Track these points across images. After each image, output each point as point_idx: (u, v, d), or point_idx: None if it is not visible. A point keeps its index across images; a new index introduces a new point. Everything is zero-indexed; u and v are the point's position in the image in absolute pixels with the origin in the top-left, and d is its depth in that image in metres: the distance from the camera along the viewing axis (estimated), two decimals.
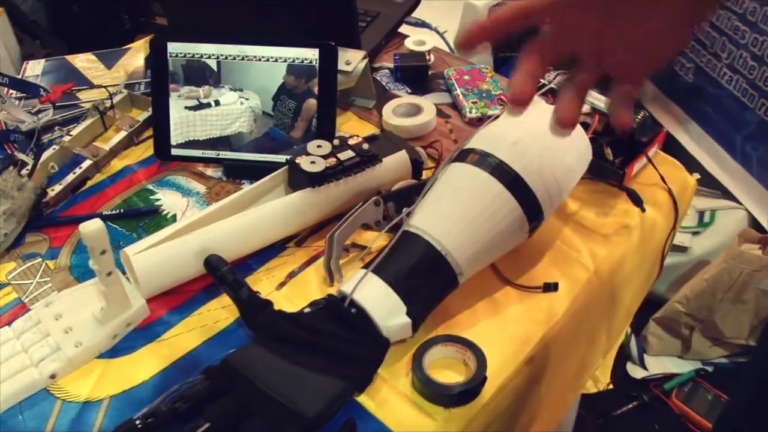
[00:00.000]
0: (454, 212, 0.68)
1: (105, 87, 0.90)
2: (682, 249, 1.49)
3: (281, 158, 0.81)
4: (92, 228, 0.60)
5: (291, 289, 0.71)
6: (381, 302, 0.63)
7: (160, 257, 0.68)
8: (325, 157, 0.74)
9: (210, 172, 0.84)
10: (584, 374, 0.85)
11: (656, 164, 0.82)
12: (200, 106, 0.81)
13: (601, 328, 0.81)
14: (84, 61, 1.02)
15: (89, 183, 0.84)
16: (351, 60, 0.85)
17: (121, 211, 0.79)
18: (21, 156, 0.79)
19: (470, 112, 0.89)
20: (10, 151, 0.88)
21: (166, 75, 0.80)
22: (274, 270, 0.73)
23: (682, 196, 0.84)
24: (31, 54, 1.52)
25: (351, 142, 0.77)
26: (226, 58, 0.79)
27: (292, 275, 0.73)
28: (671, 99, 1.59)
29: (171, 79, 0.81)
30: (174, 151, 0.82)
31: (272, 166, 0.80)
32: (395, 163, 0.78)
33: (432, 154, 0.85)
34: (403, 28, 1.07)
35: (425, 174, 0.81)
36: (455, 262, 0.66)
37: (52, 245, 0.77)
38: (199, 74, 0.80)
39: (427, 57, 0.97)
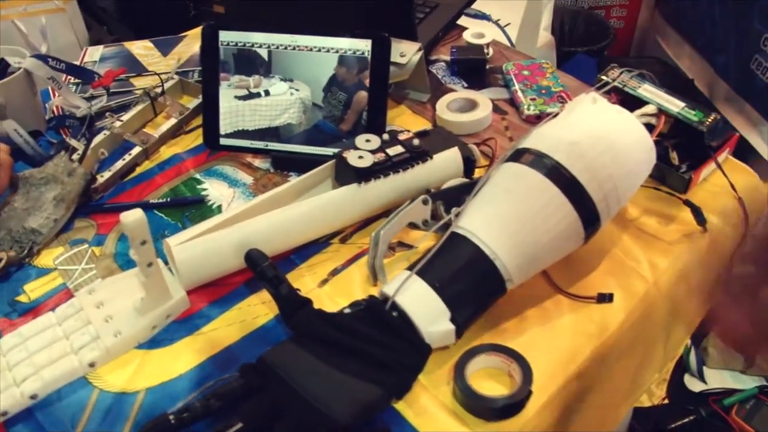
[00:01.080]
0: (506, 215, 0.64)
1: (157, 74, 0.90)
2: None
3: (330, 151, 0.79)
4: (133, 218, 0.59)
5: (333, 287, 0.69)
6: (424, 306, 0.61)
7: (202, 249, 0.67)
8: (373, 152, 0.72)
9: (258, 162, 0.83)
10: (637, 390, 0.80)
11: (726, 170, 0.76)
12: (250, 96, 0.80)
13: (658, 342, 0.76)
14: (141, 48, 1.02)
15: (138, 170, 0.84)
16: (405, 52, 0.82)
17: (167, 200, 0.78)
18: (72, 142, 0.79)
19: (528, 109, 0.85)
20: (65, 137, 0.89)
21: (217, 64, 0.79)
22: (317, 266, 0.71)
23: (753, 205, 0.78)
24: (98, 40, 1.54)
25: (401, 137, 0.74)
26: (278, 47, 0.78)
27: (334, 273, 0.71)
28: (745, 99, 1.51)
29: (222, 68, 0.79)
30: (223, 141, 0.81)
31: (320, 159, 0.78)
32: (446, 160, 0.75)
33: (485, 152, 0.81)
34: (463, 20, 1.04)
35: (477, 172, 0.78)
36: (504, 268, 0.62)
37: (99, 232, 0.77)
38: (249, 64, 0.79)
39: (486, 50, 0.94)
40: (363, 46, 0.76)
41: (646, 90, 0.76)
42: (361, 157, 0.71)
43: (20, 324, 0.68)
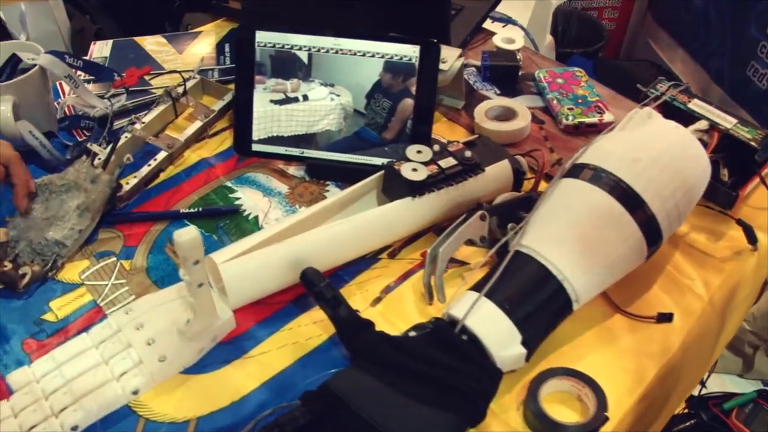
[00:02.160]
0: (571, 233, 0.62)
1: (179, 72, 0.84)
2: None
3: (371, 160, 0.75)
4: (187, 237, 0.55)
5: (386, 306, 0.66)
6: (495, 330, 0.58)
7: (250, 267, 0.63)
8: (425, 164, 0.69)
9: (292, 170, 0.79)
10: (677, 406, 0.80)
11: None
12: (287, 101, 0.75)
13: (706, 359, 0.76)
14: (154, 44, 0.96)
15: (162, 176, 0.79)
16: (446, 58, 0.79)
17: (199, 209, 0.74)
18: (94, 147, 0.74)
19: (567, 119, 0.84)
20: (79, 138, 0.83)
21: (252, 66, 0.75)
22: (367, 284, 0.68)
23: None
24: (81, 29, 1.45)
25: (451, 148, 0.71)
26: (319, 50, 0.74)
27: (387, 290, 0.68)
28: (741, 105, 1.53)
29: (257, 70, 0.75)
30: (255, 147, 0.77)
31: (360, 169, 0.75)
32: (497, 173, 0.73)
33: (530, 164, 0.79)
34: (487, 24, 1.01)
35: (525, 185, 0.76)
36: (571, 288, 0.61)
37: (126, 243, 0.72)
38: (288, 66, 0.75)
39: (518, 56, 0.91)
40: (411, 52, 0.73)
41: (697, 105, 0.75)
42: (415, 169, 0.68)
43: (50, 345, 0.63)
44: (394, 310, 0.66)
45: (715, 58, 1.48)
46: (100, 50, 0.95)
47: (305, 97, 0.75)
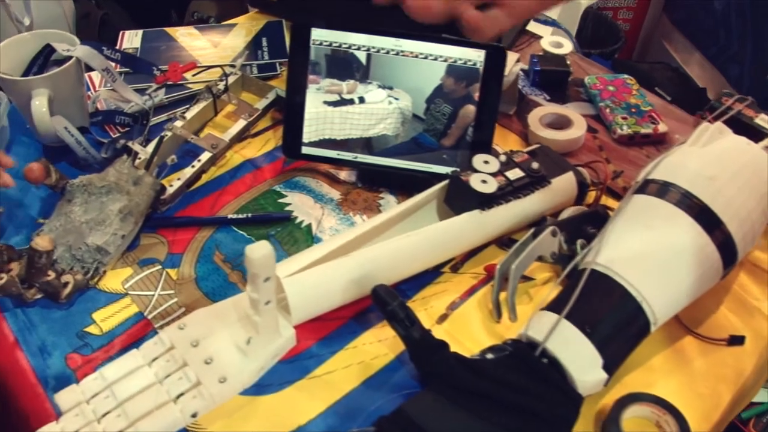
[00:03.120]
0: (649, 253, 0.60)
1: (222, 66, 0.80)
2: None
3: (429, 168, 0.72)
4: (261, 254, 0.51)
5: (453, 324, 0.63)
6: (577, 353, 0.56)
7: (314, 282, 0.60)
8: (493, 175, 0.66)
9: (343, 175, 0.75)
10: None
11: None
12: (341, 102, 0.72)
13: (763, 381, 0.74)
14: (186, 36, 0.91)
15: (204, 177, 0.75)
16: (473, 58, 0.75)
17: (249, 215, 0.70)
18: (136, 146, 0.69)
19: (621, 129, 0.81)
20: (112, 134, 0.78)
21: (306, 65, 0.71)
22: (431, 299, 0.65)
23: None
24: (86, 13, 1.39)
25: (517, 159, 0.68)
26: (378, 51, 0.70)
27: (452, 307, 0.64)
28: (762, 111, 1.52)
29: (311, 69, 0.71)
30: (305, 150, 0.73)
31: (416, 176, 0.72)
32: (563, 185, 0.70)
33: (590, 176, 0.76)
34: (530, 25, 0.98)
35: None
36: (650, 309, 0.58)
37: (171, 250, 0.68)
38: (344, 67, 0.71)
39: (567, 61, 0.88)
40: (475, 56, 0.69)
41: (765, 120, 0.73)
42: (484, 181, 0.65)
43: (96, 360, 0.59)
44: (461, 328, 0.63)
45: (734, 63, 1.47)
46: (130, 40, 0.89)
47: (361, 100, 0.71)
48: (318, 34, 0.70)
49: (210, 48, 0.89)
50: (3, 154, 0.68)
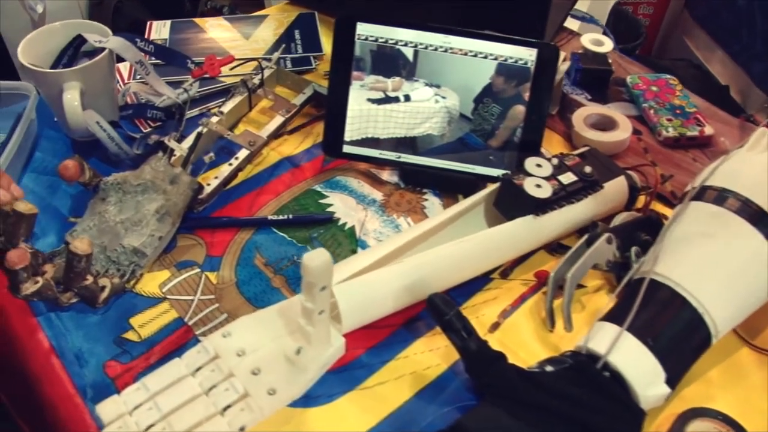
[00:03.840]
0: (709, 264, 0.58)
1: (258, 60, 0.77)
2: None
3: (474, 169, 0.69)
4: (320, 261, 0.48)
5: (505, 333, 0.61)
6: (640, 367, 0.54)
7: (365, 289, 0.58)
8: (546, 179, 0.64)
9: (386, 175, 0.73)
10: None
11: None
12: (386, 100, 0.69)
13: None
14: (216, 27, 0.88)
15: (240, 176, 0.72)
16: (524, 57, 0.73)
17: (290, 216, 0.67)
18: (172, 144, 0.66)
19: (666, 131, 0.78)
20: (143, 129, 0.75)
21: (351, 60, 0.68)
22: (482, 307, 0.62)
23: None
24: (100, 1, 1.35)
25: (568, 162, 0.66)
26: (426, 47, 0.67)
27: (504, 315, 0.62)
28: None
29: (355, 65, 0.68)
30: (346, 148, 0.70)
31: (461, 177, 0.69)
32: (615, 190, 0.67)
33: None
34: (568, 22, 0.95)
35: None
36: (712, 323, 0.56)
37: (210, 252, 0.65)
38: (390, 63, 0.68)
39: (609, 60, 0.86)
40: (527, 55, 0.67)
41: None
42: (538, 185, 0.63)
43: (136, 369, 0.57)
44: (514, 337, 0.60)
45: (758, 61, 1.44)
46: (158, 31, 0.86)
47: (407, 98, 0.69)
48: (363, 29, 0.67)
49: (241, 40, 0.86)
50: (14, 185, 0.63)
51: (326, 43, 0.88)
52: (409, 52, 0.67)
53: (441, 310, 0.56)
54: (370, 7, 0.81)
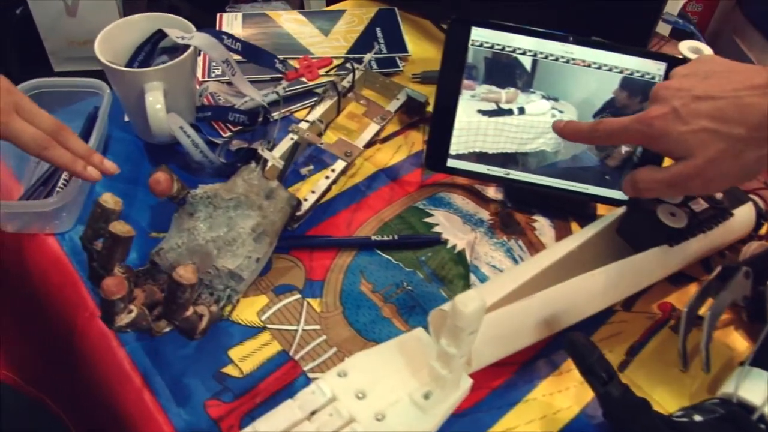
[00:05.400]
0: None
1: (351, 60, 0.70)
2: None
3: (589, 189, 0.64)
4: (474, 307, 0.44)
5: (635, 372, 0.56)
6: None
7: (495, 325, 0.52)
8: (677, 206, 0.59)
9: (491, 193, 0.67)
10: None
11: None
12: (498, 112, 0.63)
13: None
14: (293, 22, 0.81)
15: (334, 189, 0.66)
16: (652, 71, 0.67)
17: (395, 237, 0.62)
18: (266, 153, 0.60)
19: None
20: (222, 133, 0.69)
21: (462, 68, 0.62)
22: (609, 342, 0.58)
23: None
24: None
25: None
26: (546, 57, 0.61)
27: (632, 352, 0.57)
28: None
29: (467, 73, 0.62)
30: (451, 162, 0.65)
31: (573, 198, 0.64)
32: (742, 217, 0.62)
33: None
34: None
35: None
36: None
37: (310, 276, 0.60)
38: (505, 72, 0.62)
39: None
40: (655, 69, 0.61)
41: None
42: (672, 213, 0.58)
43: (240, 410, 0.51)
44: (645, 377, 0.56)
45: None
46: (230, 24, 0.79)
47: (521, 110, 0.63)
48: (478, 34, 0.61)
49: (320, 36, 0.80)
50: (107, 160, 0.58)
51: (410, 42, 0.82)
52: (527, 62, 0.62)
53: (582, 353, 0.51)
54: (457, 6, 0.76)
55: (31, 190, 0.62)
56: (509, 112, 0.63)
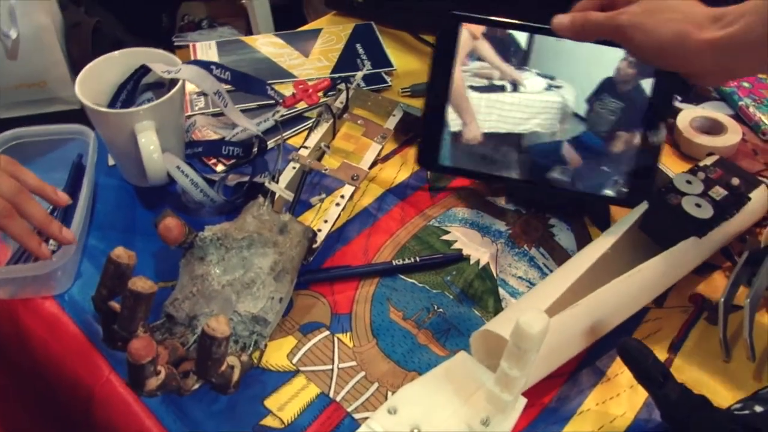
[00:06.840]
0: None
1: (345, 82, 0.67)
2: None
3: (595, 191, 0.63)
4: (540, 327, 0.42)
5: (680, 369, 0.55)
6: None
7: (548, 338, 0.50)
8: (699, 196, 0.58)
9: (503, 202, 0.65)
10: None
11: None
12: (490, 88, 0.61)
13: None
14: (269, 46, 0.78)
15: (343, 215, 0.63)
16: None
17: (417, 260, 0.59)
18: (273, 186, 0.57)
19: None
20: (215, 169, 0.65)
21: (451, 68, 0.60)
22: (649, 340, 0.56)
23: None
24: (76, 23, 1.21)
25: (712, 175, 0.61)
26: (542, 32, 0.59)
27: (673, 349, 0.56)
28: None
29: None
30: (443, 152, 0.63)
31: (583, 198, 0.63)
32: (757, 202, 0.62)
33: None
34: None
35: None
36: None
37: (335, 310, 0.57)
38: (499, 49, 0.60)
39: None
40: None
41: None
42: (698, 204, 0.57)
43: None
44: (691, 372, 0.55)
45: None
46: (204, 53, 0.75)
47: (514, 86, 0.61)
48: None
49: (300, 58, 0.77)
50: (65, 229, 0.54)
51: (392, 56, 0.80)
52: (522, 39, 0.60)
53: (636, 358, 0.49)
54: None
55: (20, 251, 0.57)
56: (501, 88, 0.61)
